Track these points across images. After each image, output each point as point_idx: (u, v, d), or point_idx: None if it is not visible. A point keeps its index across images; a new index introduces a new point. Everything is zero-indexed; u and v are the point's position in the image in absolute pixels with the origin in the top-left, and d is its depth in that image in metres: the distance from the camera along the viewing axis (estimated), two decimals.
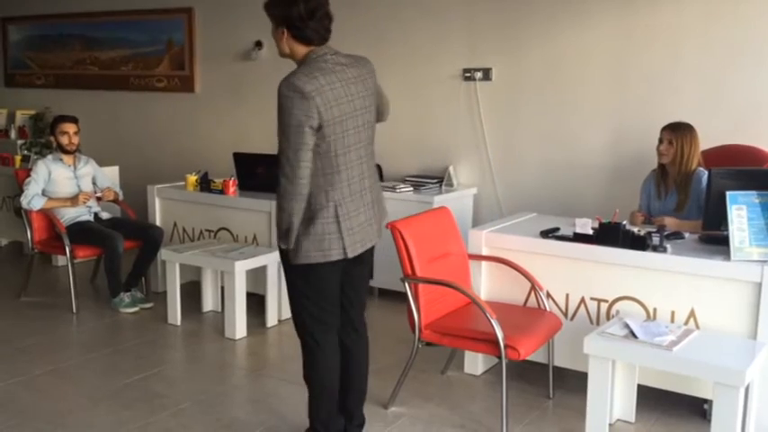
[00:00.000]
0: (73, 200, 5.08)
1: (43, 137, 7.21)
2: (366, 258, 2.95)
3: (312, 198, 2.71)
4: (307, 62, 2.73)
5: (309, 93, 2.61)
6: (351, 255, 2.78)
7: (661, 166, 4.12)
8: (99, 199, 5.27)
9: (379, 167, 5.83)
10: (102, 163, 5.64)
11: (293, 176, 2.64)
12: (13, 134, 7.61)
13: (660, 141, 4.06)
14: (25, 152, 6.77)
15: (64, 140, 5.13)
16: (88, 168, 5.31)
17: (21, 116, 7.75)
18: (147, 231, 5.08)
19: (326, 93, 2.65)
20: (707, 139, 4.18)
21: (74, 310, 4.91)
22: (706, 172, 3.90)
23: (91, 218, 5.15)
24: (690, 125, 4.04)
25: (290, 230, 2.71)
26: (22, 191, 5.07)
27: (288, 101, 2.61)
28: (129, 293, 4.97)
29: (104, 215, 5.25)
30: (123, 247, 4.88)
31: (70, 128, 5.16)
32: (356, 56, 2.86)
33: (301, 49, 2.75)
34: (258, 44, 6.23)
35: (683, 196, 4.01)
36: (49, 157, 5.20)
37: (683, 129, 4.02)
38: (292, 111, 2.61)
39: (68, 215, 5.07)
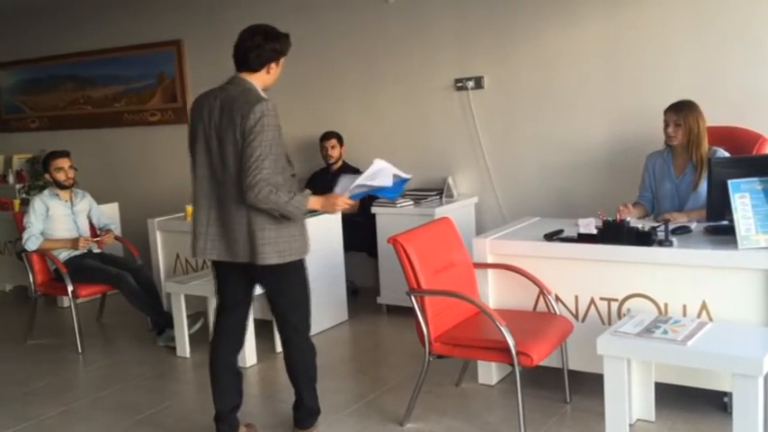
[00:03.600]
0: (73, 242, 5.06)
1: (41, 179, 7.21)
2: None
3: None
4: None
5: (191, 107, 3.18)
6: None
7: (671, 146, 4.05)
8: (99, 242, 5.25)
9: None
10: (100, 200, 5.64)
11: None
12: (10, 179, 7.61)
13: (666, 124, 3.98)
14: (24, 196, 6.76)
15: (60, 176, 5.13)
16: (84, 204, 5.30)
17: (17, 160, 7.75)
18: (132, 270, 5.04)
19: (194, 112, 3.12)
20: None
21: (80, 350, 4.87)
22: (719, 149, 3.86)
23: (85, 251, 5.13)
24: (692, 102, 3.96)
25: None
26: (22, 234, 5.06)
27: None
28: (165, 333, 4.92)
29: (95, 249, 5.23)
30: (134, 281, 4.88)
31: (64, 162, 5.15)
32: (244, 92, 3.02)
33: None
34: None
35: (698, 176, 3.92)
36: (46, 192, 5.19)
37: (686, 108, 3.93)
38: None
39: (64, 252, 5.06)
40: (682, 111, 3.93)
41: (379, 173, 3.14)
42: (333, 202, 3.14)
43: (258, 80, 3.07)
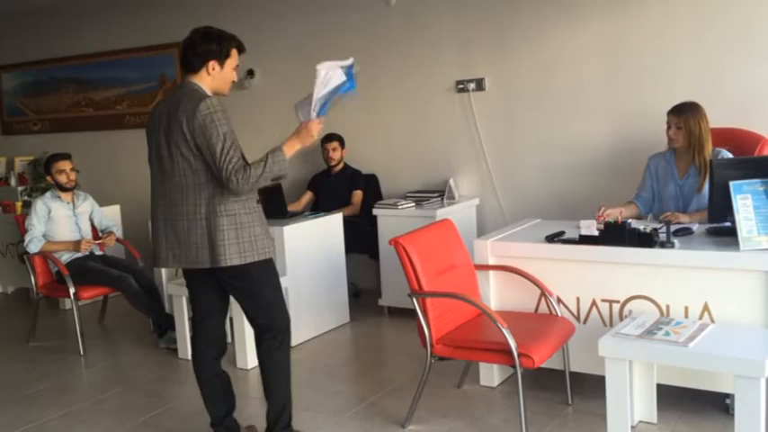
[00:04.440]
0: (75, 244, 5.07)
1: (43, 181, 7.22)
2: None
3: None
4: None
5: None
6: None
7: (673, 149, 4.04)
8: (101, 244, 5.25)
9: (377, 184, 5.85)
10: (103, 202, 5.64)
11: None
12: (12, 181, 7.63)
13: (668, 126, 3.98)
14: (26, 198, 6.78)
15: (62, 179, 5.13)
16: (87, 206, 5.31)
17: (20, 163, 7.78)
18: (134, 272, 5.04)
19: (148, 121, 3.10)
20: None
21: (81, 353, 4.87)
22: (723, 150, 3.86)
23: (87, 253, 5.14)
24: (695, 104, 3.95)
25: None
26: (24, 237, 5.06)
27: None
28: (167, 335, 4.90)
29: (97, 251, 5.24)
30: (136, 284, 4.88)
31: (66, 165, 5.16)
32: (186, 93, 2.98)
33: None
34: (250, 73, 6.23)
35: (702, 178, 3.90)
36: (48, 194, 5.20)
37: (688, 110, 3.92)
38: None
39: (66, 254, 5.07)
40: (683, 113, 3.92)
41: (328, 76, 3.04)
42: (307, 131, 3.06)
43: (202, 81, 3.03)
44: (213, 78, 3.05)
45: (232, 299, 3.24)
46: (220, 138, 2.87)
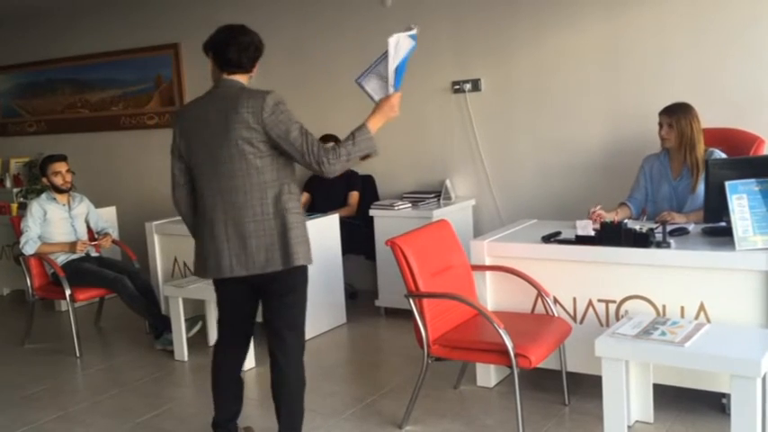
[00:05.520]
0: (71, 246, 5.06)
1: (38, 183, 7.21)
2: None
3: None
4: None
5: (173, 123, 3.02)
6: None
7: (667, 150, 4.06)
8: (96, 245, 5.24)
9: (374, 184, 5.85)
10: (98, 204, 5.63)
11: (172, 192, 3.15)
12: (8, 183, 7.61)
13: (660, 126, 4.01)
14: (21, 200, 6.76)
15: (58, 180, 5.12)
16: (82, 207, 5.31)
17: (15, 164, 7.76)
18: (130, 273, 5.03)
19: (183, 125, 3.01)
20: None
21: (77, 354, 4.86)
22: (716, 150, 3.87)
23: (83, 254, 5.13)
24: (687, 104, 3.97)
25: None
26: (20, 238, 5.05)
27: None
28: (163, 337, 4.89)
29: (93, 253, 5.23)
30: (132, 285, 4.87)
31: (62, 167, 5.15)
32: (244, 91, 2.92)
33: (216, 75, 3.07)
34: None
35: (694, 178, 3.92)
36: (43, 196, 5.19)
37: (679, 110, 3.95)
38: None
39: (62, 255, 5.06)
40: (674, 113, 3.95)
41: (399, 45, 3.02)
42: (390, 106, 3.03)
43: (244, 80, 3.02)
44: (249, 79, 3.06)
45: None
46: (296, 125, 2.87)
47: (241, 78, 3.01)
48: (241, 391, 3.28)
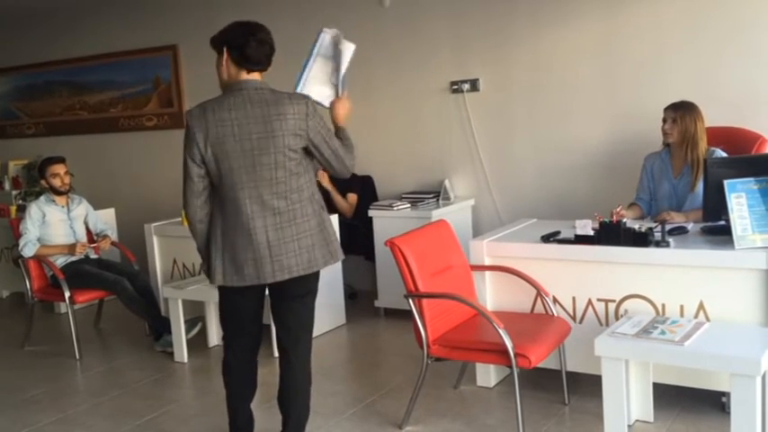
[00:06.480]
0: (70, 248, 5.06)
1: (37, 185, 7.20)
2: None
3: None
4: (224, 91, 2.88)
5: (191, 127, 2.81)
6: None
7: (668, 147, 4.07)
8: (96, 247, 5.24)
9: (372, 185, 5.85)
10: (97, 206, 5.63)
11: (183, 202, 2.91)
12: (6, 185, 7.60)
13: (664, 121, 4.02)
14: (20, 202, 6.76)
15: (56, 182, 5.12)
16: (81, 209, 5.30)
17: (13, 166, 7.74)
18: (129, 275, 5.03)
19: (211, 129, 2.78)
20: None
21: (77, 356, 4.86)
22: (717, 150, 3.88)
23: (82, 256, 5.13)
24: (692, 103, 3.99)
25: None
26: (19, 241, 5.05)
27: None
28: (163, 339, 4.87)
29: (92, 255, 5.23)
30: (132, 287, 4.87)
31: (60, 169, 5.15)
32: (280, 95, 2.86)
33: (233, 73, 2.88)
34: None
35: (694, 177, 3.92)
36: (42, 198, 5.18)
37: (684, 107, 3.97)
38: (184, 140, 2.84)
39: (61, 257, 5.06)
40: (679, 109, 3.97)
41: (347, 50, 3.15)
42: (344, 107, 3.09)
43: (261, 78, 2.94)
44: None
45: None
46: (324, 129, 2.91)
47: (260, 77, 2.91)
48: (251, 412, 3.26)
